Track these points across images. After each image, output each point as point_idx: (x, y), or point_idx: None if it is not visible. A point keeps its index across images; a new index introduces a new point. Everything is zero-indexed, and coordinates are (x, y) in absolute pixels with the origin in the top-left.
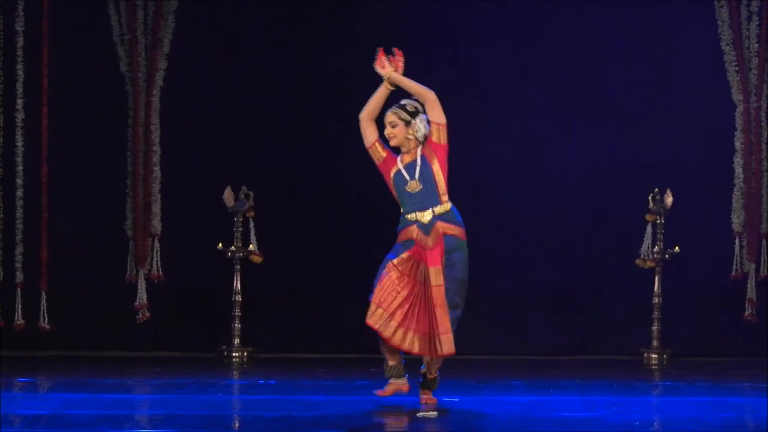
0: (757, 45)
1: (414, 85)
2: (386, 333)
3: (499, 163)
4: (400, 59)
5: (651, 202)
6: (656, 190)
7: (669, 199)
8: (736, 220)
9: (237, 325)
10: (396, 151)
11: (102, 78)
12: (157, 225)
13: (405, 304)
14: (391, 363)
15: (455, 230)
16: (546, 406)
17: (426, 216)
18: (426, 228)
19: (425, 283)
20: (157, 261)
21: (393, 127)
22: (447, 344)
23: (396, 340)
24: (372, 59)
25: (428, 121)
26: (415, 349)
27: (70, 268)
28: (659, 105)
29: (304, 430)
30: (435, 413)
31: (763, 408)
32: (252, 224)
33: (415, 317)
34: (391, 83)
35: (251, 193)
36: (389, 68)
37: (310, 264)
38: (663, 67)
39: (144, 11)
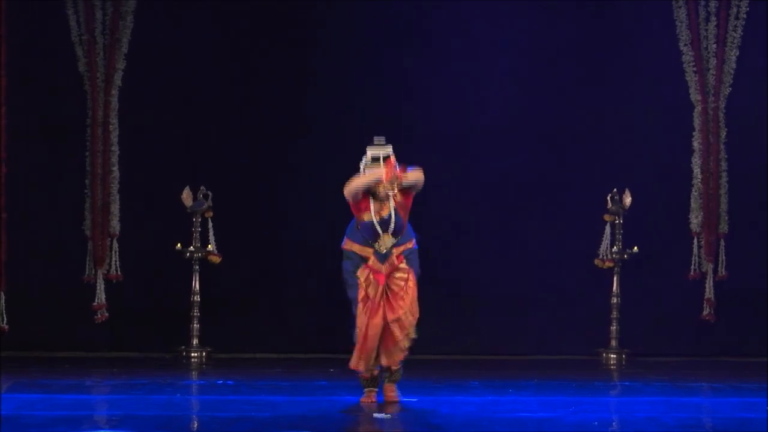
0: (715, 45)
1: (412, 178)
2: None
3: (457, 163)
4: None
5: (609, 202)
6: (615, 190)
7: (627, 200)
8: (695, 220)
9: (195, 326)
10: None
11: (60, 78)
12: (115, 225)
13: (375, 329)
14: (369, 376)
15: (407, 246)
16: (504, 406)
17: (385, 246)
18: (382, 257)
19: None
20: (115, 261)
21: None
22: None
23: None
24: (331, 60)
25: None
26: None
27: (28, 268)
28: (617, 105)
29: (262, 430)
30: (389, 414)
31: (722, 408)
32: (210, 224)
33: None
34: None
35: (210, 194)
36: (396, 186)
37: (269, 264)
38: (621, 67)
39: (102, 11)
